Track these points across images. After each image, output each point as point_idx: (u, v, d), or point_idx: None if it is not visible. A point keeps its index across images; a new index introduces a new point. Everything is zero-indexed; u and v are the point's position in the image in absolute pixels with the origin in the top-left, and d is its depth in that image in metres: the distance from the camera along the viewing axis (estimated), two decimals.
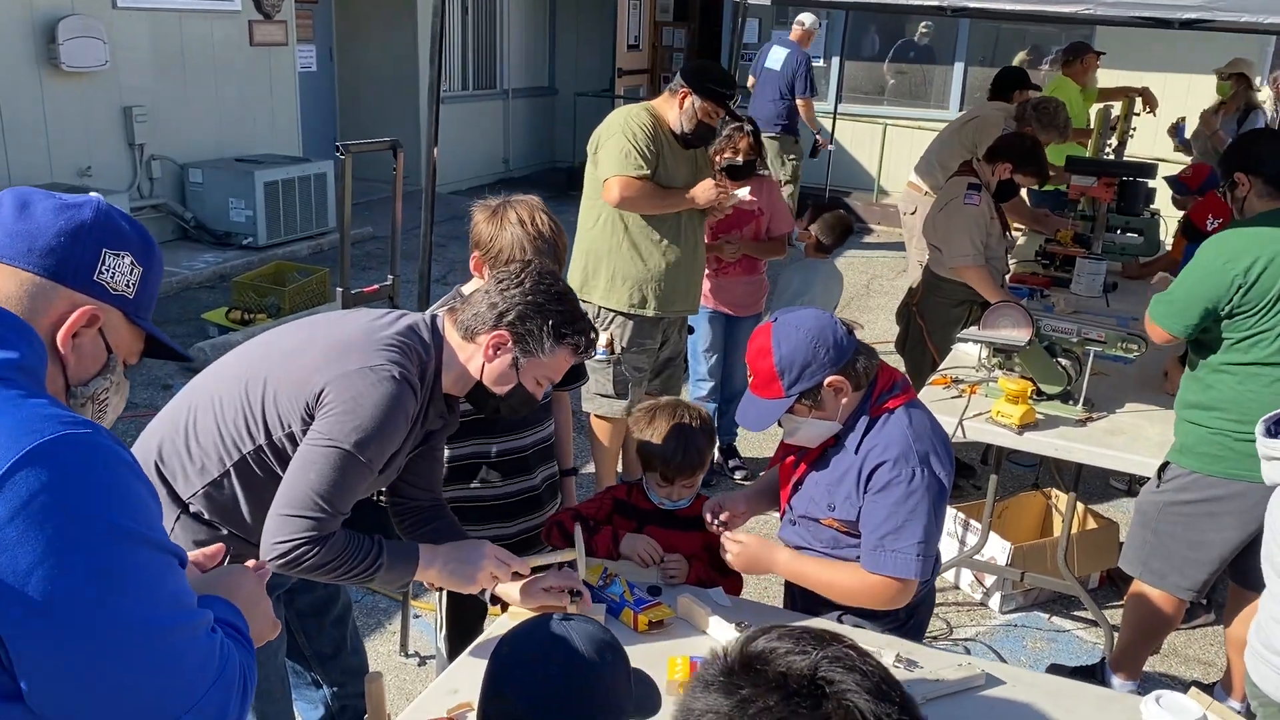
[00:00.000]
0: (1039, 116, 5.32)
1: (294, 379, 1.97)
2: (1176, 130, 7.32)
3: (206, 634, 1.20)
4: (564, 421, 2.86)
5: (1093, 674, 3.41)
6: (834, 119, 10.00)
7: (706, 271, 4.46)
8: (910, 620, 2.40)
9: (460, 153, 11.00)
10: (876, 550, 2.17)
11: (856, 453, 2.21)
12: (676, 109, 3.99)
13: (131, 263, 1.31)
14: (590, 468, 4.60)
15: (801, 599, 2.48)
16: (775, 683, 0.95)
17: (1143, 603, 3.22)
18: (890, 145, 11.49)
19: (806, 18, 8.97)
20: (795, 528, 2.40)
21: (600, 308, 4.08)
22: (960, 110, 10.80)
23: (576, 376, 2.82)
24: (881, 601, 2.24)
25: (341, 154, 3.81)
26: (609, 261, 4.05)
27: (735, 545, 2.34)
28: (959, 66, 11.52)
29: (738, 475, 5.07)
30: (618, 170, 3.88)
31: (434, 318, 2.15)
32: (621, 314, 4.08)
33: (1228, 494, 2.94)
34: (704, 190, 3.98)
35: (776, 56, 9.07)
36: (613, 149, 3.90)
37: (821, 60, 11.95)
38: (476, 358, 2.08)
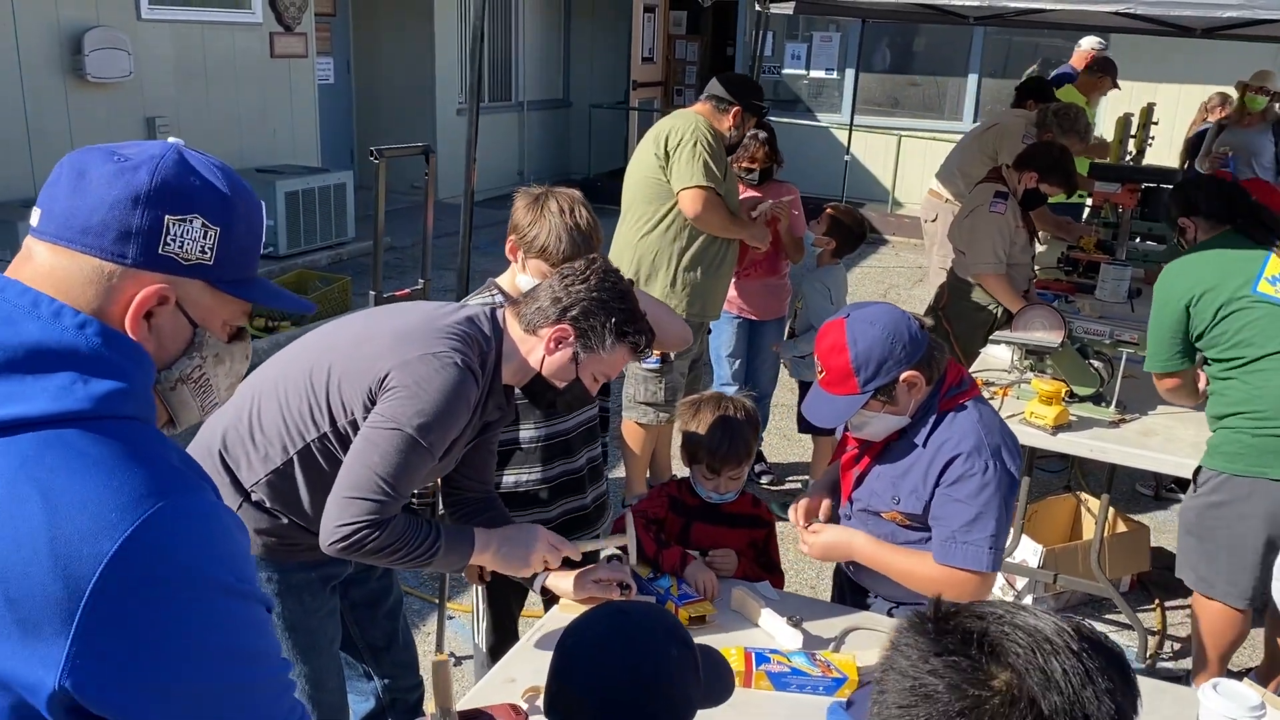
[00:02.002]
0: (1059, 122, 5.34)
1: (358, 366, 1.99)
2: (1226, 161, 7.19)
3: (285, 684, 1.16)
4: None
5: None
6: (849, 131, 10.04)
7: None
8: None
9: (478, 163, 11.04)
10: (949, 542, 2.18)
11: (924, 446, 2.21)
12: (728, 122, 4.07)
13: (204, 225, 1.14)
14: (616, 472, 4.61)
15: (850, 593, 2.49)
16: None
17: (1204, 614, 3.21)
18: (905, 157, 11.54)
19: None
20: (850, 521, 2.41)
21: None
22: (974, 122, 10.85)
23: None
24: (959, 594, 2.24)
25: (376, 158, 3.84)
26: (668, 267, 4.09)
27: (813, 536, 2.33)
28: (973, 78, 11.56)
29: (764, 480, 5.08)
30: (700, 182, 3.94)
31: (493, 310, 2.18)
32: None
33: (1251, 492, 2.96)
34: (762, 238, 4.23)
35: None
36: (692, 159, 3.95)
37: (835, 72, 12.02)
38: (537, 350, 2.10)
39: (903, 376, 2.15)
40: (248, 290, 1.21)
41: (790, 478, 5.17)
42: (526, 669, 2.05)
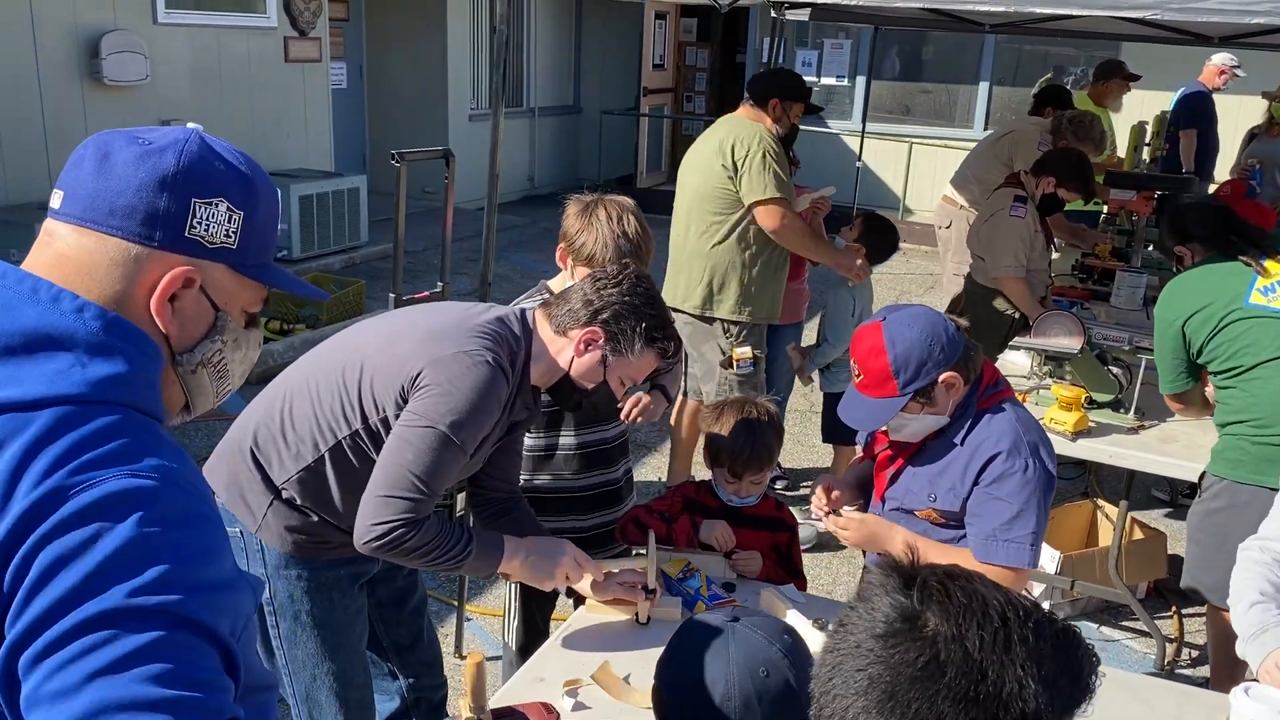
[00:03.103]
0: (1074, 129, 5.34)
1: (390, 364, 2.01)
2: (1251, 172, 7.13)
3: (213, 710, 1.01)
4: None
5: None
6: (861, 138, 10.05)
7: None
8: None
9: (486, 169, 11.07)
10: (990, 541, 2.19)
11: (961, 444, 2.22)
12: (769, 120, 4.11)
13: (228, 209, 1.14)
14: (649, 474, 4.61)
15: None
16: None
17: (1215, 620, 3.21)
18: (916, 164, 11.54)
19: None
20: (880, 517, 2.41)
21: (727, 322, 4.14)
22: (985, 129, 10.85)
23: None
24: None
25: (397, 162, 3.86)
26: (740, 274, 4.11)
27: (853, 522, 2.32)
28: (984, 86, 11.56)
29: (779, 485, 5.08)
30: (773, 194, 4.00)
31: (524, 311, 2.19)
32: (748, 324, 4.16)
33: (1251, 500, 2.97)
34: (853, 269, 4.29)
35: None
36: (764, 170, 3.99)
37: (846, 79, 12.03)
38: (567, 351, 2.11)
39: (941, 378, 2.15)
40: (268, 275, 1.21)
41: (805, 483, 5.17)
42: (556, 667, 2.06)
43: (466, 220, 8.91)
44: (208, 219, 1.13)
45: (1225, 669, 3.26)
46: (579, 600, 2.40)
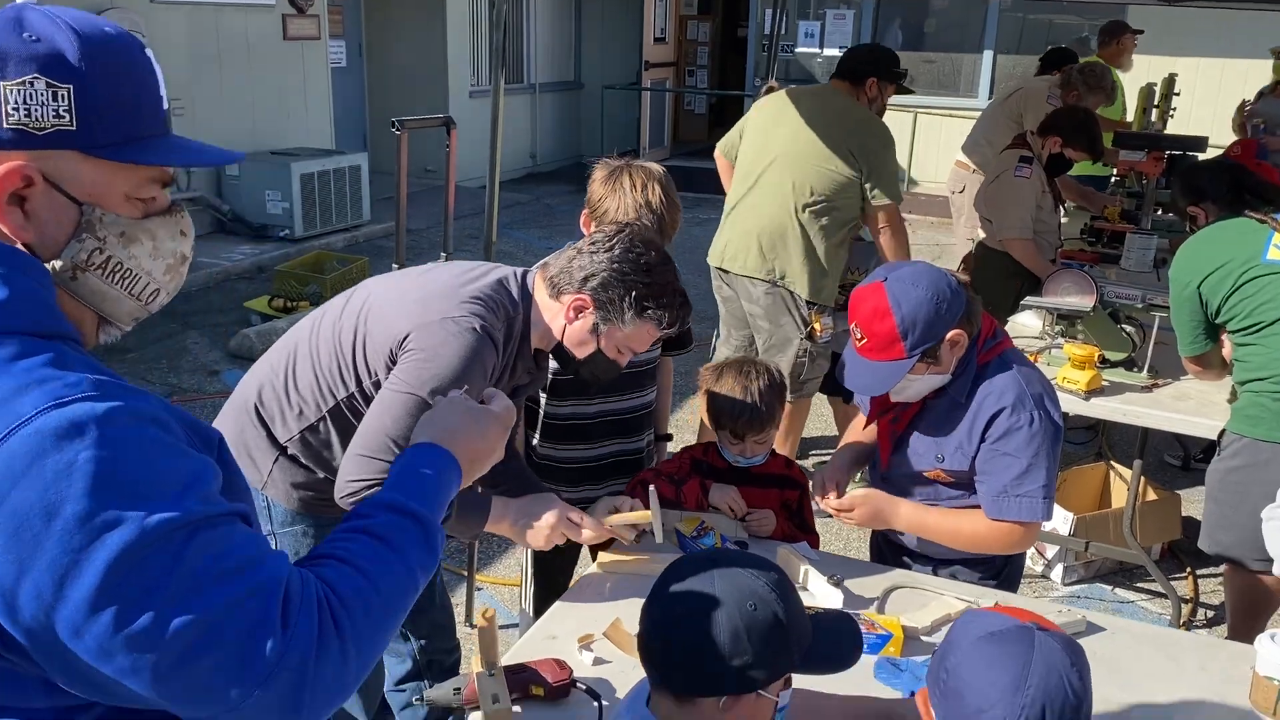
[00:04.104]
0: (1085, 79, 5.27)
1: (381, 327, 1.97)
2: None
3: (257, 609, 0.97)
4: (665, 386, 2.85)
5: None
6: None
7: None
8: (1006, 568, 2.39)
9: (488, 146, 11.02)
10: (1001, 498, 2.16)
11: (966, 401, 2.17)
12: (868, 100, 4.08)
13: (48, 85, 0.98)
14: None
15: (890, 552, 2.46)
16: None
17: (1234, 579, 3.18)
18: (920, 134, 11.45)
19: None
20: (887, 485, 2.38)
21: (808, 301, 4.09)
22: (989, 98, 10.76)
23: (684, 343, 2.81)
24: (1006, 546, 2.24)
25: (398, 130, 3.81)
26: (832, 259, 4.06)
27: (856, 500, 2.27)
28: (988, 54, 11.46)
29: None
30: (898, 198, 4.02)
31: (525, 272, 2.14)
32: (822, 305, 4.13)
33: (1271, 458, 2.93)
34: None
35: None
36: (894, 172, 3.98)
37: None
38: (559, 318, 2.06)
39: (948, 336, 2.10)
40: (137, 153, 1.05)
41: (813, 451, 5.14)
42: (568, 625, 2.03)
43: (469, 198, 8.87)
44: (22, 100, 0.97)
45: (1244, 627, 3.23)
46: (595, 553, 2.37)
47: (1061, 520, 3.91)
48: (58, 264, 1.03)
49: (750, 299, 4.13)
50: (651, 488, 2.29)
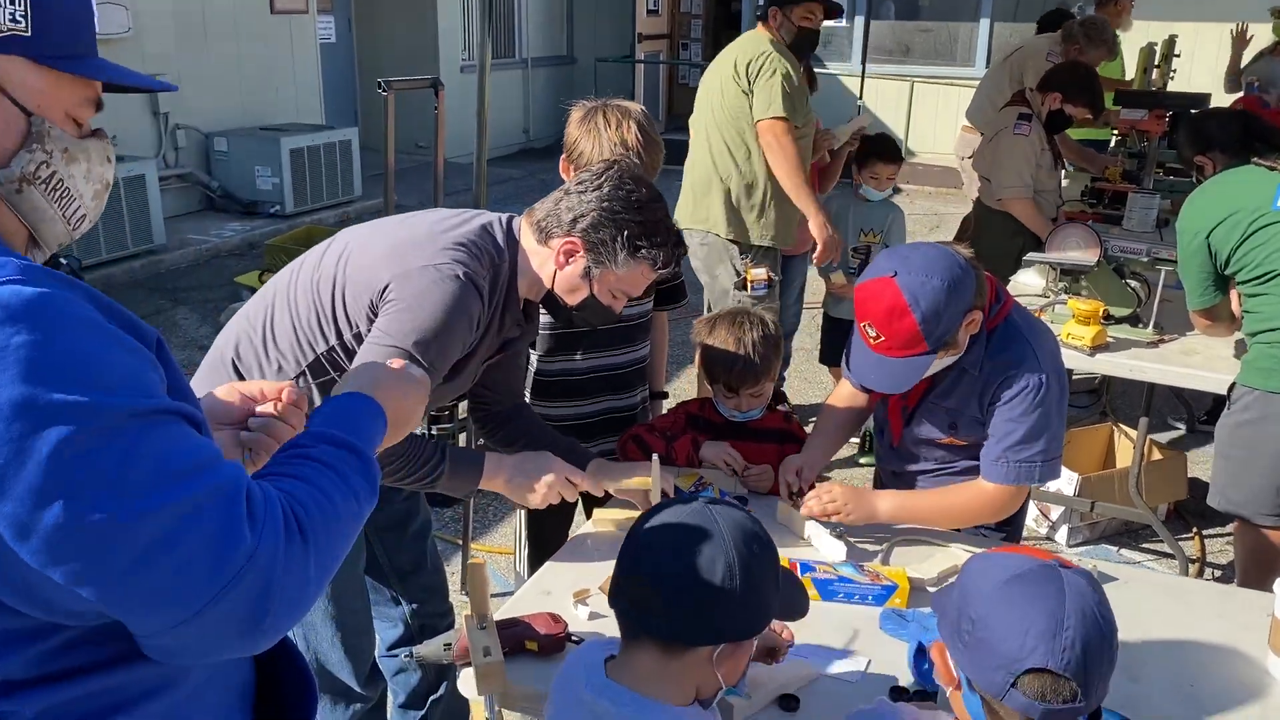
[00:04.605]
0: (1086, 32, 5.17)
1: (360, 277, 1.89)
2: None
3: (198, 513, 0.91)
4: (659, 342, 2.77)
5: None
6: (861, 80, 9.86)
7: None
8: (1009, 530, 2.33)
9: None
10: (999, 462, 2.10)
11: (978, 370, 2.10)
12: (775, 31, 3.99)
13: None
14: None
15: None
16: None
17: (1244, 536, 3.12)
18: (917, 104, 11.35)
19: None
20: (897, 454, 2.32)
21: (743, 244, 4.02)
22: (987, 67, 10.65)
23: (677, 297, 2.73)
24: (996, 513, 2.18)
25: (384, 91, 3.74)
26: (758, 198, 3.99)
27: (842, 506, 2.13)
28: (984, 23, 11.34)
29: None
30: (778, 112, 3.85)
31: (510, 218, 2.06)
32: (763, 248, 4.04)
33: None
34: (822, 240, 3.98)
35: None
36: (770, 87, 3.84)
37: (845, 20, 11.79)
38: (549, 263, 1.97)
39: (965, 322, 2.01)
40: (83, 66, 1.03)
41: (813, 420, 5.06)
42: (562, 580, 1.97)
43: (461, 173, 8.75)
44: None
45: (1254, 586, 3.17)
46: (590, 510, 2.30)
47: (1066, 481, 3.85)
48: (7, 173, 0.99)
49: (693, 253, 4.11)
50: (655, 456, 2.22)
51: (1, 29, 0.95)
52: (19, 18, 0.96)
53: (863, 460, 4.54)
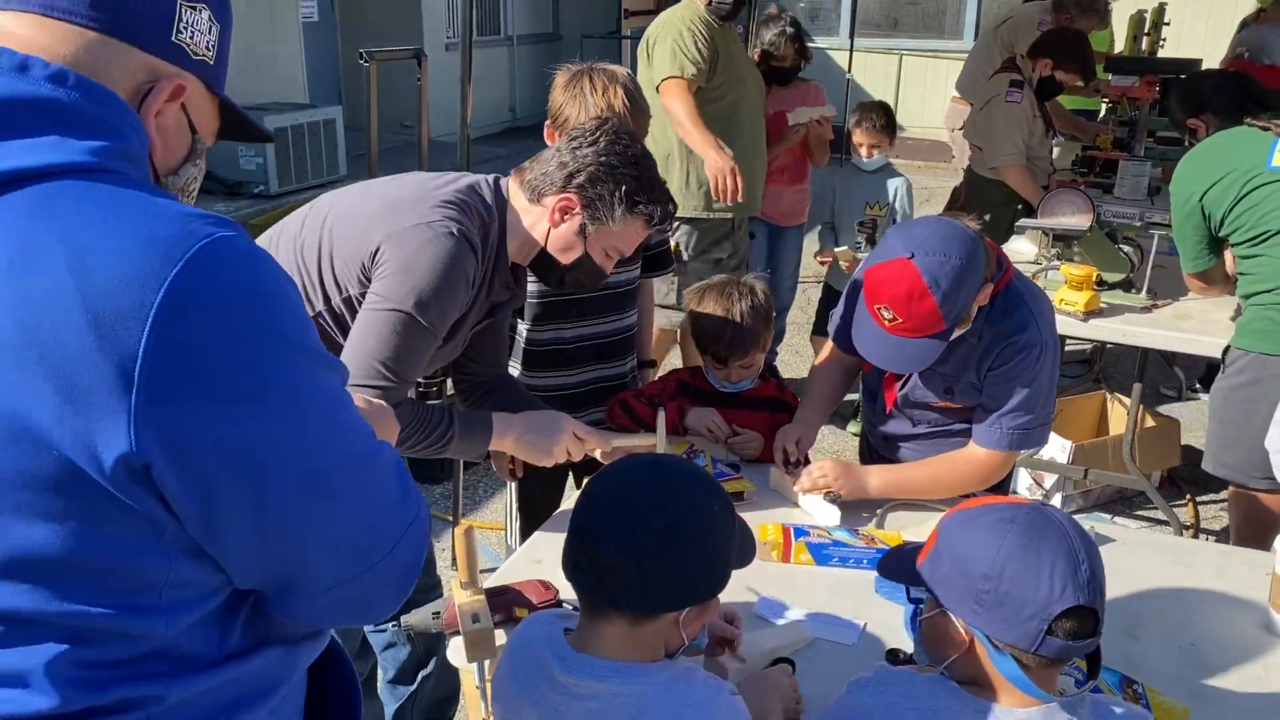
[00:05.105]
0: (1078, 1, 5.12)
1: (349, 239, 1.85)
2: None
3: (396, 464, 1.04)
4: (647, 310, 2.73)
5: None
6: (850, 53, 9.79)
7: None
8: (998, 492, 2.31)
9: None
10: (994, 428, 2.08)
11: (978, 337, 2.06)
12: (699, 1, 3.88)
13: (210, 19, 1.02)
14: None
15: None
16: None
17: (1239, 502, 3.10)
18: (906, 77, 11.30)
19: None
20: (893, 421, 2.30)
21: (697, 219, 3.94)
22: (976, 39, 10.59)
23: (664, 263, 2.68)
24: (982, 482, 2.16)
25: (365, 62, 3.69)
26: (676, 165, 3.90)
27: (835, 482, 2.11)
28: None
29: None
30: (665, 73, 3.77)
31: (497, 178, 2.02)
32: (688, 220, 3.94)
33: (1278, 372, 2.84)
34: (719, 176, 3.70)
35: None
36: (661, 52, 3.78)
37: None
38: (542, 222, 1.94)
39: (978, 297, 1.98)
40: (230, 101, 1.09)
41: (811, 381, 5.03)
42: (552, 549, 1.92)
43: (446, 152, 8.67)
44: (193, 24, 1.01)
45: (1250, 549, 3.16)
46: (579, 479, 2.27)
47: (1060, 449, 3.83)
48: (173, 181, 1.05)
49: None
50: (661, 411, 2.19)
51: (198, 53, 1.02)
52: (210, 47, 1.04)
53: (852, 430, 4.51)
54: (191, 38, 1.00)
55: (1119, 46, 6.60)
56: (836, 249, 4.25)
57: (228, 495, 0.90)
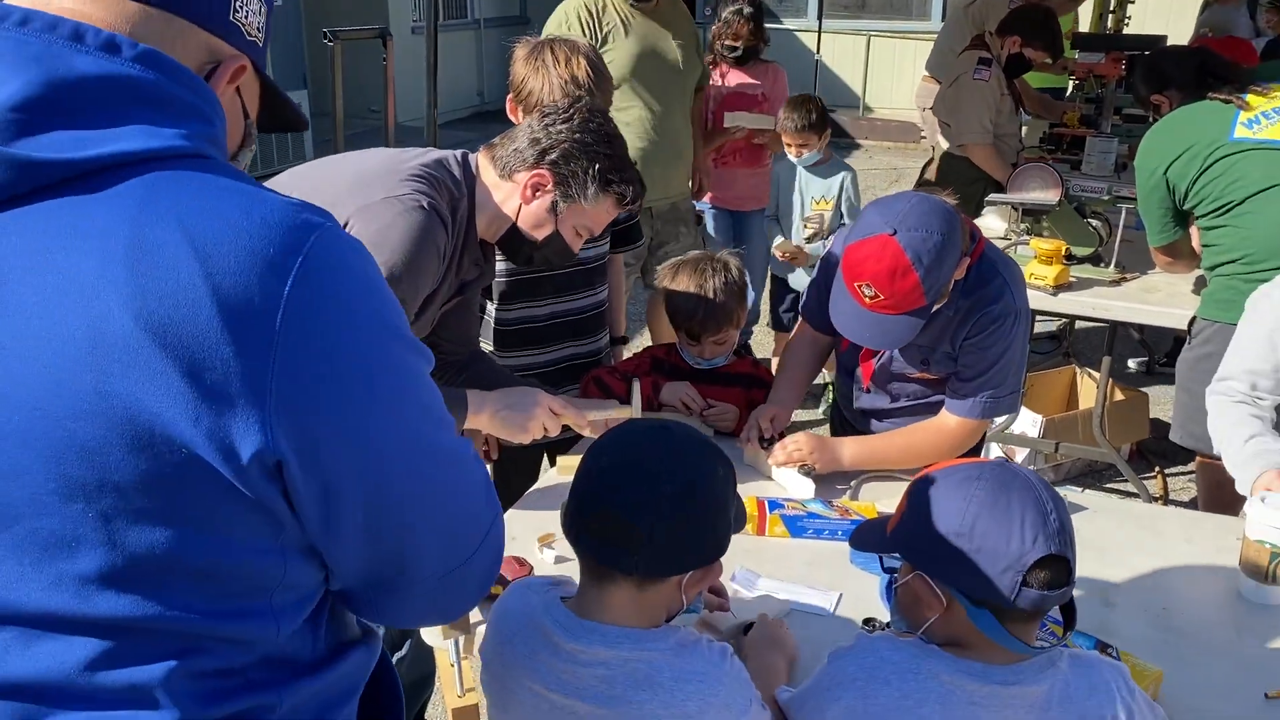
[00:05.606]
0: None
1: None
2: None
3: (476, 458, 1.04)
4: (616, 286, 2.71)
5: None
6: (818, 35, 9.79)
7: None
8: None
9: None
10: (968, 398, 2.09)
11: (953, 309, 2.06)
12: None
13: (261, 0, 0.98)
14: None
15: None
16: None
17: (1206, 472, 3.13)
18: (874, 59, 11.30)
19: None
20: (870, 395, 2.30)
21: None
22: (943, 21, 10.62)
23: (633, 237, 2.67)
24: (953, 450, 2.16)
25: (330, 41, 3.64)
26: None
27: (809, 455, 2.12)
28: None
29: None
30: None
31: (465, 154, 1.99)
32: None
33: None
34: None
35: None
36: (549, 29, 3.68)
37: None
38: (513, 198, 1.92)
39: (957, 271, 1.97)
40: (274, 83, 1.05)
41: (783, 358, 5.03)
42: (526, 525, 1.92)
43: (413, 136, 8.60)
44: (247, 4, 0.96)
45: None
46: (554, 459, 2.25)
47: (1030, 423, 3.85)
48: (235, 164, 1.01)
49: None
50: (635, 382, 2.18)
51: (250, 33, 0.97)
52: (261, 29, 0.99)
53: (823, 410, 4.51)
54: (246, 17, 0.97)
55: (1083, 25, 6.64)
56: (776, 242, 4.20)
57: (350, 489, 0.88)
